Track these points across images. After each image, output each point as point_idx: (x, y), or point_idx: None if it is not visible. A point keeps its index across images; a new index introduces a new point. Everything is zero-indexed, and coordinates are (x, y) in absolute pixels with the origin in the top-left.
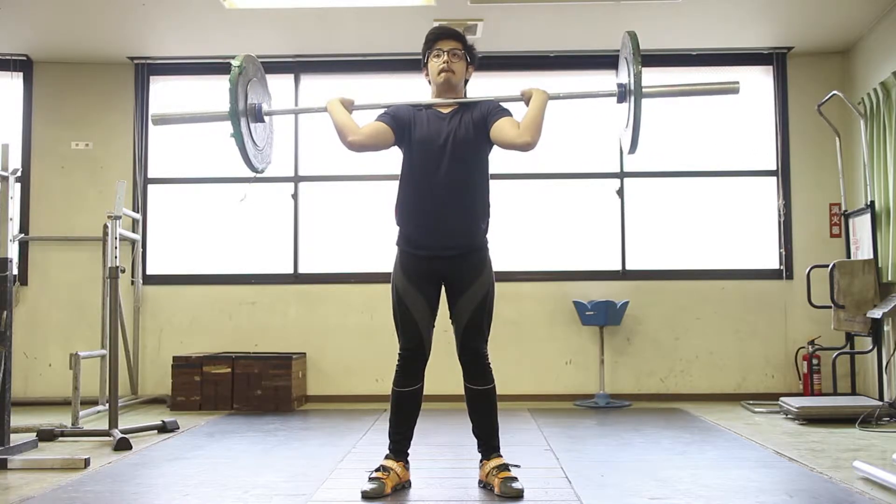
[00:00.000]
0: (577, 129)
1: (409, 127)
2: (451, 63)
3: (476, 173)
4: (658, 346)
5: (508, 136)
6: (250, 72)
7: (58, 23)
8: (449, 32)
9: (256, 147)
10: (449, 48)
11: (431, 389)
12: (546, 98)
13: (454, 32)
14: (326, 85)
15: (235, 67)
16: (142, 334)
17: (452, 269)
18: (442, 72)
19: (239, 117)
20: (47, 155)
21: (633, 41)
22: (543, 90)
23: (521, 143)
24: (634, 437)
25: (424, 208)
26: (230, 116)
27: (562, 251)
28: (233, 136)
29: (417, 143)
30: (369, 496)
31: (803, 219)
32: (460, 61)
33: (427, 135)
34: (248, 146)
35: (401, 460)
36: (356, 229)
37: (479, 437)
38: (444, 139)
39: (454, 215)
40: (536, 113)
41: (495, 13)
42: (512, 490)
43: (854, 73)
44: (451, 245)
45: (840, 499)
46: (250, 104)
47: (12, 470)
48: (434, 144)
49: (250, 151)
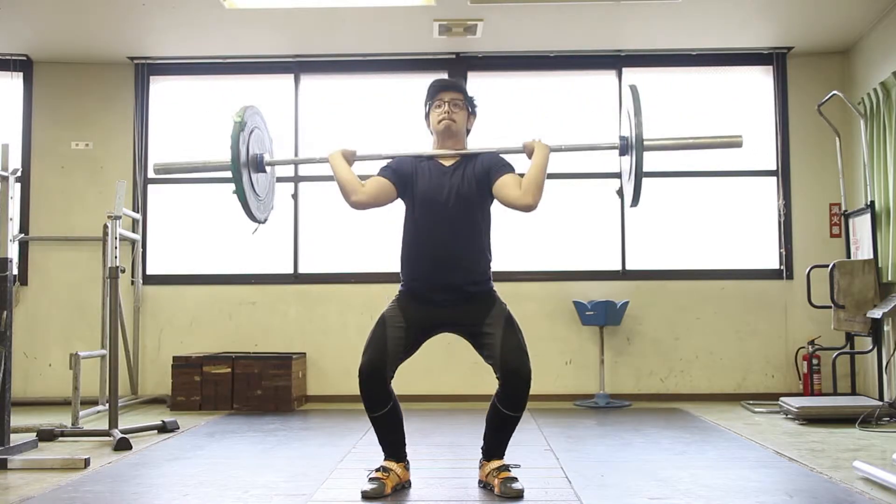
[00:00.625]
0: (577, 130)
1: (412, 181)
2: (452, 112)
3: (479, 225)
4: (658, 346)
5: (510, 196)
6: (251, 123)
7: (58, 23)
8: (449, 84)
9: (258, 197)
10: (449, 98)
11: (431, 389)
12: (548, 153)
13: (455, 84)
14: (326, 85)
15: (236, 123)
16: (142, 334)
17: (458, 312)
18: (443, 120)
19: (241, 172)
20: (47, 155)
21: (635, 95)
22: (545, 145)
23: (522, 205)
24: (634, 437)
25: (427, 264)
26: (232, 172)
27: (562, 251)
28: (235, 193)
29: (420, 198)
30: (369, 496)
31: (803, 219)
32: (461, 111)
33: (429, 189)
34: (251, 199)
35: (401, 461)
36: (356, 229)
37: (487, 443)
38: (446, 195)
39: (457, 270)
40: (538, 172)
41: (495, 13)
42: (512, 490)
43: (854, 73)
44: (454, 298)
45: (840, 499)
46: (252, 155)
47: (12, 470)
48: (437, 200)
49: (252, 204)
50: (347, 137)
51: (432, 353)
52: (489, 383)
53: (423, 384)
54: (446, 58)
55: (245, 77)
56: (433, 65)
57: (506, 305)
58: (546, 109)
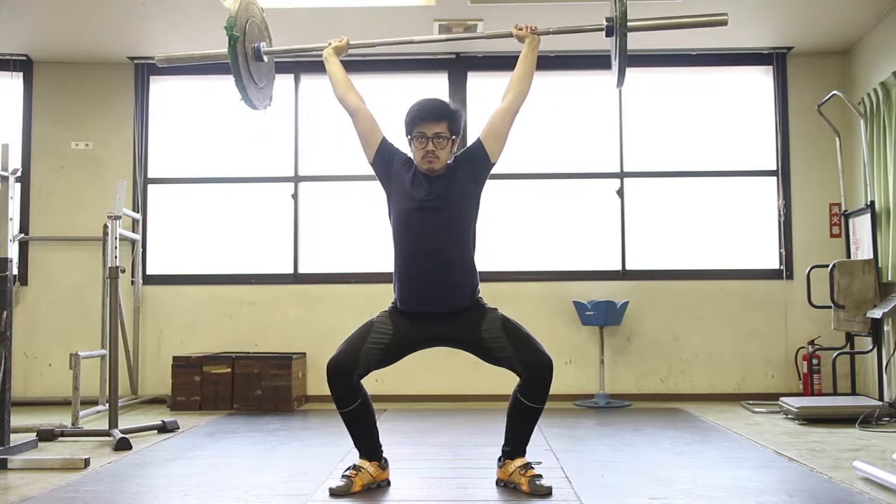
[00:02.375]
0: (577, 130)
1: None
2: (436, 150)
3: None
4: (658, 346)
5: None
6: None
7: (58, 23)
8: (432, 113)
9: (257, 86)
10: (433, 134)
11: (431, 389)
12: (537, 45)
13: (438, 112)
14: (326, 85)
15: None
16: (142, 334)
17: (450, 328)
18: (425, 159)
19: (238, 57)
20: (47, 155)
21: None
22: (534, 37)
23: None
24: (634, 437)
25: (411, 267)
26: (229, 54)
27: (562, 251)
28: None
29: (403, 195)
30: (334, 493)
31: (803, 219)
32: (445, 146)
33: (412, 191)
34: (249, 87)
35: (374, 460)
36: (356, 229)
37: (510, 441)
38: (432, 198)
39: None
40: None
41: (495, 13)
42: (542, 488)
43: (854, 73)
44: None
45: (840, 499)
46: (250, 45)
47: (12, 470)
48: (420, 203)
49: (252, 93)
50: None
51: (432, 353)
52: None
53: (423, 384)
54: (446, 58)
55: None
56: (433, 65)
57: (496, 310)
58: (546, 109)
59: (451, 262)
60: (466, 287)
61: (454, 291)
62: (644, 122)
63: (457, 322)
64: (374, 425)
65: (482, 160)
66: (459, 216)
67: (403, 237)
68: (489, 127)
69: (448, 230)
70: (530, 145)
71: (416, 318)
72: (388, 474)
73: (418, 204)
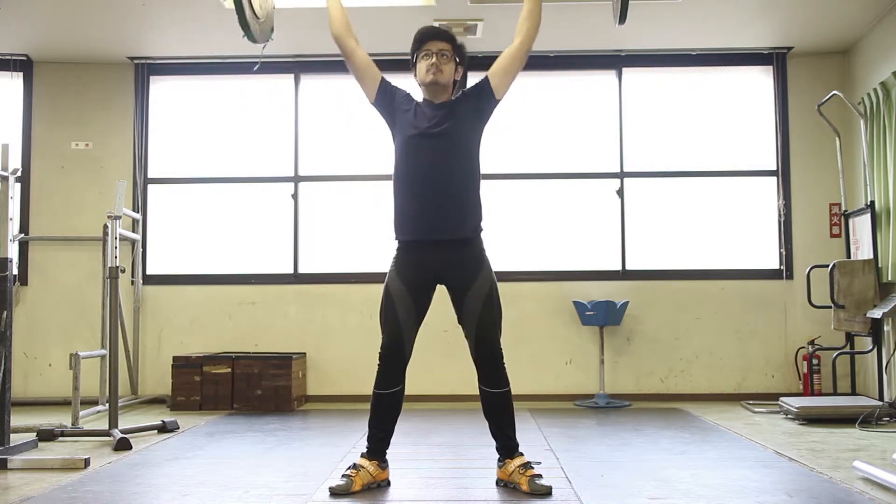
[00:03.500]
0: (576, 129)
1: (396, 102)
2: (439, 64)
3: (465, 161)
4: (658, 346)
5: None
6: None
7: (58, 23)
8: (437, 33)
9: (258, 19)
10: (437, 49)
11: (431, 389)
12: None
13: (443, 32)
14: (326, 85)
15: None
16: (142, 334)
17: (449, 265)
18: (429, 72)
19: None
20: (47, 155)
21: None
22: None
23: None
24: (634, 437)
25: (414, 192)
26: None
27: (562, 251)
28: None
29: (407, 126)
30: (334, 492)
31: (803, 219)
32: (449, 62)
33: (416, 121)
34: (250, 17)
35: (374, 460)
36: (356, 229)
37: (498, 439)
38: (434, 124)
39: (443, 199)
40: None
41: (495, 13)
42: (542, 487)
43: (854, 73)
44: (441, 228)
45: (840, 499)
46: None
47: (12, 470)
48: (423, 129)
49: (252, 25)
50: (347, 138)
51: (432, 353)
52: None
53: (423, 384)
54: None
55: (245, 77)
56: None
57: (493, 273)
58: (546, 109)
59: (454, 188)
60: (469, 216)
61: (456, 218)
62: (644, 122)
63: (455, 261)
64: (396, 419)
65: (487, 95)
66: (462, 144)
67: (407, 164)
68: (498, 64)
69: (451, 157)
70: (530, 145)
71: (417, 251)
72: (388, 474)
73: (422, 131)
